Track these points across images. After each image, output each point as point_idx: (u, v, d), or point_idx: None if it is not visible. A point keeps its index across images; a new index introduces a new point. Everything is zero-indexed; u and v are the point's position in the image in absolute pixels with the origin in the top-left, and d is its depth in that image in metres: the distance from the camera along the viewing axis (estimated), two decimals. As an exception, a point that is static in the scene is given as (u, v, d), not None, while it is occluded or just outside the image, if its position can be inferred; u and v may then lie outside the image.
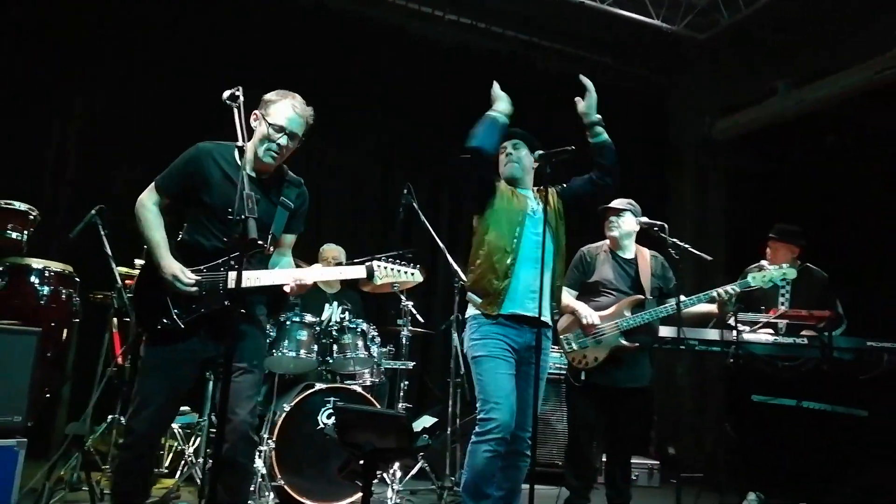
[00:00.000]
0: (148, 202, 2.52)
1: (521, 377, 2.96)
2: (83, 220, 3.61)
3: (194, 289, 2.43)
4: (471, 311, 3.03)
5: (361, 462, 1.82)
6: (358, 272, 2.67)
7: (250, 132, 2.46)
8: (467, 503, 2.81)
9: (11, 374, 2.85)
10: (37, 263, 3.49)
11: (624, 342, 3.52)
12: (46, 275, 3.50)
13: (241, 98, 2.18)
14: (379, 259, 2.72)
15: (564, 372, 3.92)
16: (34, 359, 2.92)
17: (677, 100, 7.05)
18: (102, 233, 3.61)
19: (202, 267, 2.47)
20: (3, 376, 2.82)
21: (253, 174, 2.51)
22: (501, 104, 2.98)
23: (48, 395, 3.72)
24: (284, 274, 2.53)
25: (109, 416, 3.87)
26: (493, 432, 2.75)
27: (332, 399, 3.83)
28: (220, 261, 2.47)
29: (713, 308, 3.62)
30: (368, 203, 6.07)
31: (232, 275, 2.36)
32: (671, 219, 5.50)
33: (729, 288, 3.54)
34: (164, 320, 2.44)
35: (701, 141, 6.80)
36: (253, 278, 2.45)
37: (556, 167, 2.75)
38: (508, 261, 2.93)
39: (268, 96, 2.51)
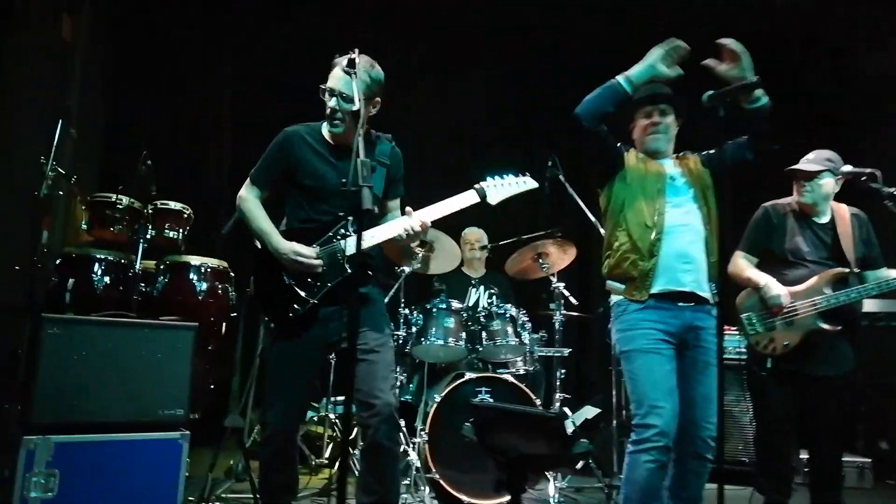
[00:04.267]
0: (248, 195, 2.54)
1: (689, 365, 2.52)
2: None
3: (318, 261, 2.38)
4: (614, 297, 2.65)
5: (507, 470, 1.54)
6: (469, 198, 2.51)
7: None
8: None
9: (173, 369, 2.91)
10: (195, 260, 3.60)
11: (823, 325, 2.93)
12: (203, 271, 3.61)
13: (357, 59, 2.00)
14: (485, 180, 2.55)
15: (746, 357, 3.38)
16: (192, 353, 2.97)
17: (864, 28, 5.93)
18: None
19: (314, 245, 2.43)
20: (166, 371, 2.89)
21: (333, 144, 2.48)
22: (638, 67, 2.49)
23: (213, 387, 3.87)
24: (395, 225, 2.43)
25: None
26: (652, 440, 2.35)
27: (483, 389, 3.62)
28: (329, 234, 2.42)
29: None
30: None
31: (346, 241, 2.38)
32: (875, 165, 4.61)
33: None
34: (295, 305, 2.41)
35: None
36: (367, 237, 2.38)
37: (732, 108, 2.26)
38: (652, 236, 2.52)
39: None
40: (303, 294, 2.40)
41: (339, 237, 2.42)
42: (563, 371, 4.13)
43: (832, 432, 3.03)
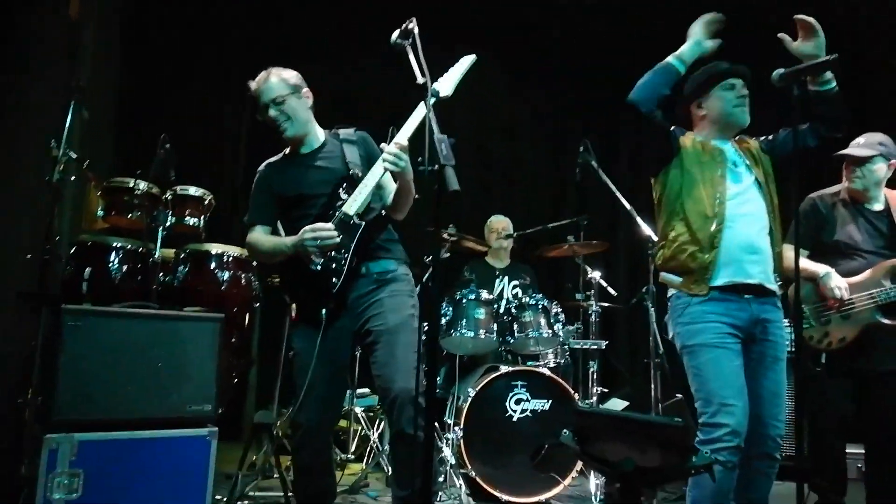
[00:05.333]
0: (251, 234, 2.53)
1: (756, 360, 2.38)
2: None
3: (330, 225, 2.32)
4: (672, 289, 2.50)
5: (618, 485, 1.38)
6: (423, 109, 2.33)
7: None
8: None
9: (199, 363, 2.77)
10: (216, 249, 3.44)
11: (883, 319, 2.79)
12: (225, 260, 3.44)
13: (416, 29, 1.82)
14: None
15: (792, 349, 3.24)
16: (219, 345, 2.82)
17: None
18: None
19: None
20: (191, 364, 2.75)
21: (297, 151, 2.53)
22: (687, 46, 2.37)
23: (236, 381, 3.72)
24: (377, 166, 2.35)
25: (294, 400, 3.82)
26: (723, 440, 2.20)
27: (519, 383, 3.48)
28: (329, 213, 2.36)
29: None
30: (538, 165, 5.58)
31: (346, 206, 2.34)
32: None
33: None
34: (333, 279, 2.31)
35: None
36: (361, 189, 2.35)
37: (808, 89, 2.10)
38: (713, 227, 2.36)
39: None
40: (334, 266, 2.32)
41: (338, 207, 2.36)
42: (592, 363, 4.01)
43: (892, 425, 2.89)
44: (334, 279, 2.32)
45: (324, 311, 2.29)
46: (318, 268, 2.31)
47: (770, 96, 2.40)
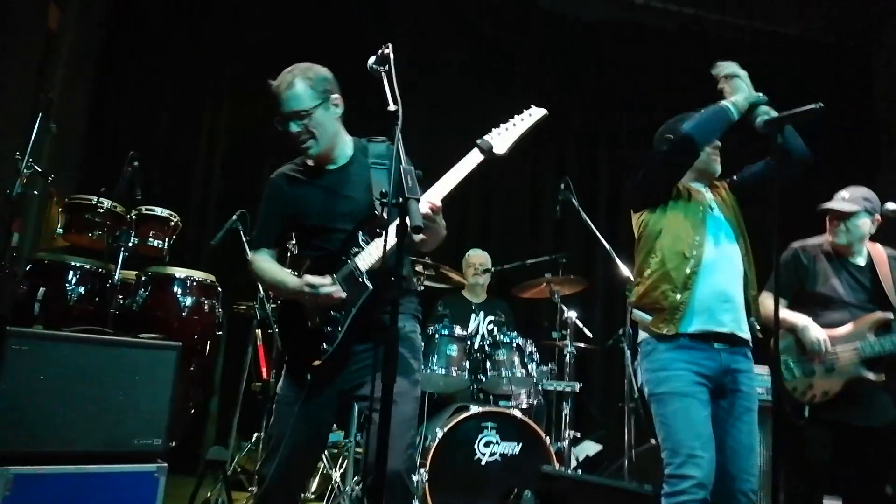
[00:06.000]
0: (255, 257, 2.26)
1: (726, 411, 2.31)
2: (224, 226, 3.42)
3: (334, 286, 2.03)
4: (643, 333, 2.44)
5: None
6: (474, 158, 2.13)
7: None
8: None
9: (151, 394, 2.63)
10: (179, 273, 3.32)
11: (867, 374, 2.74)
12: (189, 284, 3.32)
13: (392, 55, 1.73)
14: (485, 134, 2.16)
15: (768, 399, 3.17)
16: (174, 376, 2.69)
17: (883, 57, 5.87)
18: (245, 239, 3.39)
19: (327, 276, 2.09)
20: (143, 396, 2.60)
21: (318, 166, 2.21)
22: (740, 96, 2.34)
23: (193, 411, 3.56)
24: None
25: (255, 434, 3.68)
26: (689, 492, 2.11)
27: (489, 424, 3.36)
28: (342, 258, 2.08)
29: None
30: (517, 202, 5.54)
31: (360, 257, 2.04)
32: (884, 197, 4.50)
33: None
34: (324, 345, 2.05)
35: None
36: (379, 244, 2.04)
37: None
38: (688, 269, 2.32)
39: None
40: (328, 329, 2.07)
41: (351, 256, 2.08)
42: (566, 404, 3.90)
43: (871, 482, 2.82)
44: (325, 345, 2.06)
45: (308, 375, 2.06)
46: (314, 324, 2.07)
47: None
